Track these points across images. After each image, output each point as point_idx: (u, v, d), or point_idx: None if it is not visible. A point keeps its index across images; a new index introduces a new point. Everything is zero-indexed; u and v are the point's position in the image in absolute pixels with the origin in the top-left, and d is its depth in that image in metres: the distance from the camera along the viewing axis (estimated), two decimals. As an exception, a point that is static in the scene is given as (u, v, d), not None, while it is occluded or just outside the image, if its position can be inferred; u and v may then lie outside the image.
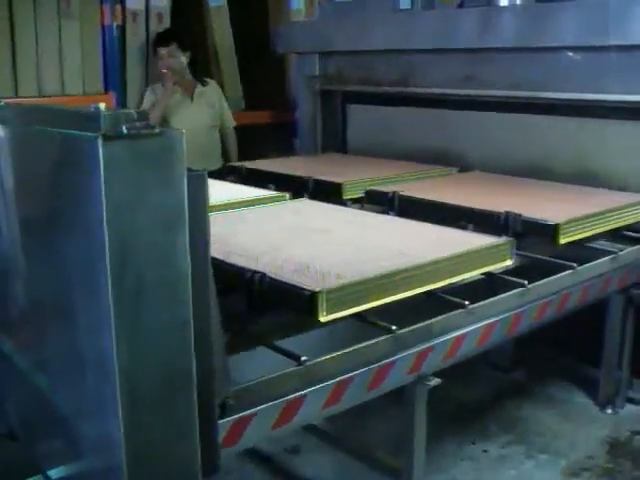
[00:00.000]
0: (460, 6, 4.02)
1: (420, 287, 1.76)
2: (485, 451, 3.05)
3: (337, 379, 1.67)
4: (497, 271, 2.06)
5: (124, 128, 0.84)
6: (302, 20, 5.16)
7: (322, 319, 1.54)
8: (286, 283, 1.68)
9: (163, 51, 4.34)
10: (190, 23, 4.83)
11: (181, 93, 4.48)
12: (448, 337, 1.90)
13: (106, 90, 4.41)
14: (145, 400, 0.88)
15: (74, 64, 4.26)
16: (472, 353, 2.02)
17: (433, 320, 1.84)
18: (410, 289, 1.72)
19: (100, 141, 0.82)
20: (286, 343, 1.72)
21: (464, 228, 2.36)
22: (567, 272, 2.29)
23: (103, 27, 4.36)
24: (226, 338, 1.25)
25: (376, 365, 1.75)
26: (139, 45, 4.52)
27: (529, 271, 2.20)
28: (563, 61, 3.32)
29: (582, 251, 2.50)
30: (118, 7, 4.39)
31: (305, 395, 1.61)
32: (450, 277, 1.84)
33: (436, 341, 1.90)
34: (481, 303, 1.91)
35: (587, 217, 2.45)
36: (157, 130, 0.85)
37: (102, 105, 0.88)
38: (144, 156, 0.85)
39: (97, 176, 0.83)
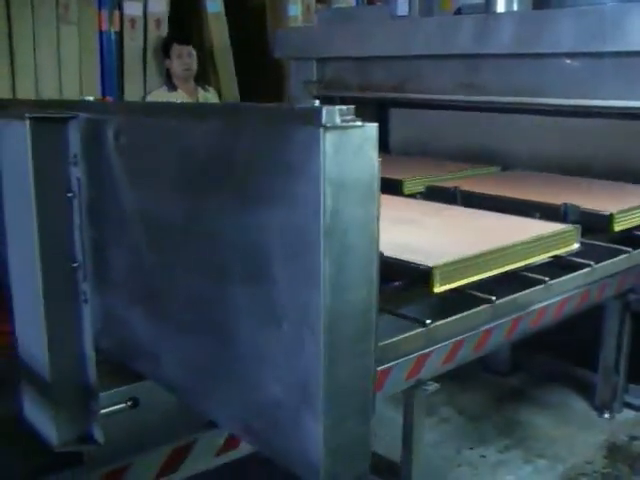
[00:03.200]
0: (457, 13, 4.05)
1: (508, 265, 2.07)
2: (483, 456, 3.05)
3: (453, 340, 2.03)
4: (564, 254, 2.33)
5: (339, 121, 1.05)
6: (301, 26, 5.18)
7: (436, 290, 1.85)
8: (403, 260, 1.94)
9: (184, 50, 4.35)
10: (188, 29, 4.85)
11: (186, 97, 4.49)
12: (534, 308, 2.26)
13: (103, 95, 4.42)
14: (340, 346, 1.13)
15: (72, 69, 4.27)
16: (550, 323, 2.41)
17: (522, 293, 2.13)
18: (500, 267, 2.04)
19: (322, 131, 1.04)
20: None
21: (532, 217, 2.56)
22: (623, 256, 2.53)
23: (101, 33, 4.38)
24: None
25: (481, 330, 2.10)
26: (137, 51, 4.54)
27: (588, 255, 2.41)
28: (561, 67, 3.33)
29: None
30: (116, 13, 4.41)
31: (432, 352, 1.99)
32: (530, 258, 2.15)
33: (526, 311, 2.23)
34: (558, 280, 2.21)
35: (636, 207, 2.69)
36: (360, 123, 1.08)
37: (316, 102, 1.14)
38: (351, 143, 1.08)
39: (317, 160, 1.05)
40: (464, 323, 2.00)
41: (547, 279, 2.16)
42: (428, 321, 1.85)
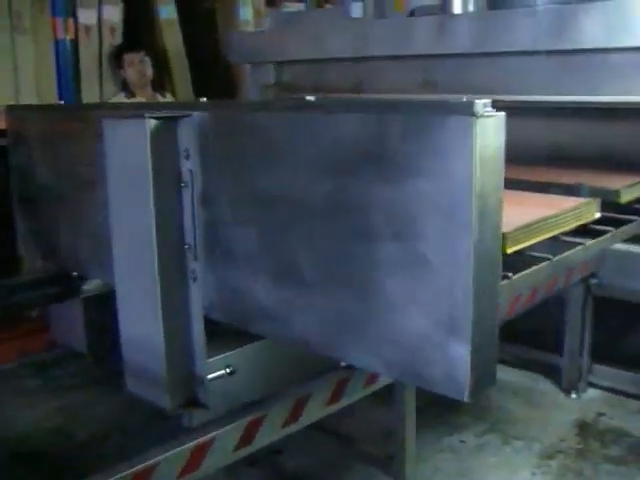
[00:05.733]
0: (411, 15, 4.17)
1: (556, 230, 2.34)
2: (463, 441, 3.17)
3: (531, 288, 2.37)
4: (589, 222, 2.62)
5: (483, 111, 1.35)
6: (255, 30, 5.22)
7: (508, 251, 2.05)
8: None
9: (135, 57, 4.34)
10: (142, 37, 4.84)
11: (143, 104, 4.49)
12: (576, 265, 2.61)
13: (60, 103, 4.37)
14: (481, 283, 1.42)
15: (28, 77, 4.21)
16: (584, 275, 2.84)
17: (571, 252, 2.41)
18: (550, 232, 2.32)
19: (474, 119, 1.33)
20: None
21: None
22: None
23: (56, 41, 4.33)
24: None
25: (549, 279, 2.44)
26: (93, 58, 4.49)
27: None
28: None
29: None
30: (70, 21, 4.36)
31: (519, 295, 2.34)
32: (567, 225, 2.43)
33: (574, 266, 2.57)
34: (593, 241, 2.53)
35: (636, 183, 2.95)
36: (495, 113, 1.38)
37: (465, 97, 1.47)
38: (490, 128, 1.37)
39: (470, 141, 1.34)
40: (534, 276, 2.27)
41: (584, 241, 2.49)
42: (510, 274, 2.12)
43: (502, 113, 1.42)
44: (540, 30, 3.28)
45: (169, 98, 4.67)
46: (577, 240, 2.49)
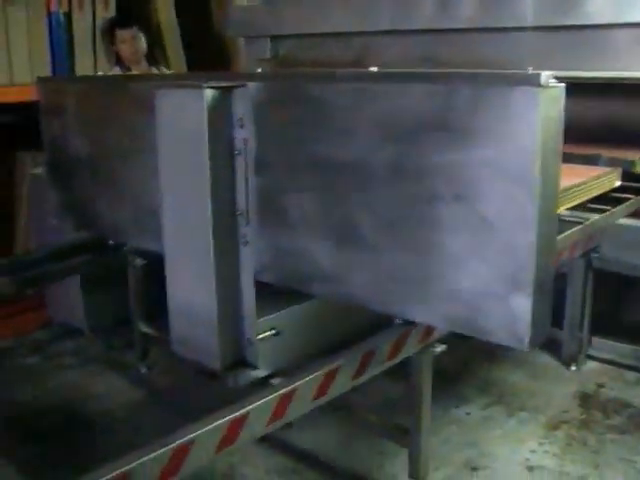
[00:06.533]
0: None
1: (582, 198, 2.50)
2: (468, 414, 3.22)
3: (567, 246, 2.52)
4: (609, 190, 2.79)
5: (548, 82, 1.47)
6: (254, 4, 5.15)
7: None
8: None
9: (127, 34, 4.27)
10: (134, 8, 4.76)
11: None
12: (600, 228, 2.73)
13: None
14: (542, 239, 1.54)
15: (22, 52, 4.12)
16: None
17: (601, 216, 2.56)
18: (580, 198, 2.48)
19: (540, 89, 1.46)
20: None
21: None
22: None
23: (49, 14, 4.24)
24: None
25: (584, 236, 2.61)
26: (86, 32, 4.42)
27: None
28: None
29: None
30: (64, -7, 4.28)
31: (565, 248, 2.51)
32: (593, 192, 2.60)
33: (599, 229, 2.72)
34: (617, 208, 2.68)
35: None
36: (558, 84, 1.50)
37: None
38: (554, 97, 1.51)
39: (536, 109, 1.47)
40: (575, 235, 2.42)
41: (609, 208, 2.64)
42: None
43: (562, 84, 1.54)
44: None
45: (165, 71, 4.61)
46: (601, 207, 2.63)
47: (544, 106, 1.48)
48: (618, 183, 2.78)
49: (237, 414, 1.72)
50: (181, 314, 1.96)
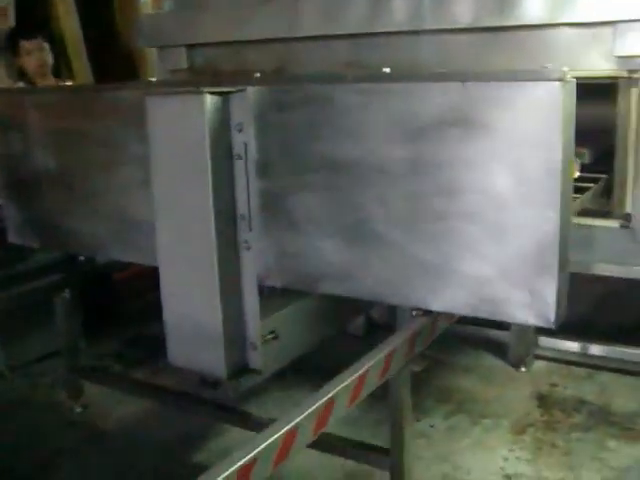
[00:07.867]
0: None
1: None
2: (432, 426, 3.13)
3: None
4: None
5: (566, 77, 1.55)
6: (166, 11, 4.90)
7: None
8: None
9: (32, 45, 3.93)
10: (35, 18, 4.42)
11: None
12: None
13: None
14: (564, 220, 1.64)
15: None
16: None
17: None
18: None
19: (562, 84, 1.55)
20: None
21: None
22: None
23: (-57, 25, 3.87)
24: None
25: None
26: (-16, 43, 4.07)
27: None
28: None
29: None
30: (-43, 1, 3.91)
31: None
32: None
33: None
34: (581, 196, 2.74)
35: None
36: (573, 79, 1.58)
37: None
38: (571, 91, 1.60)
39: (557, 103, 1.57)
40: None
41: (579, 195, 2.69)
42: None
43: (574, 79, 1.61)
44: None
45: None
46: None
47: (565, 99, 1.56)
48: (577, 174, 2.83)
49: (328, 397, 1.74)
50: (179, 324, 1.92)
